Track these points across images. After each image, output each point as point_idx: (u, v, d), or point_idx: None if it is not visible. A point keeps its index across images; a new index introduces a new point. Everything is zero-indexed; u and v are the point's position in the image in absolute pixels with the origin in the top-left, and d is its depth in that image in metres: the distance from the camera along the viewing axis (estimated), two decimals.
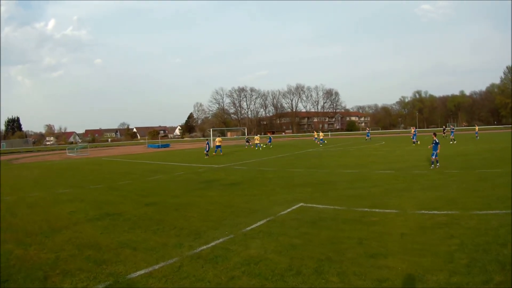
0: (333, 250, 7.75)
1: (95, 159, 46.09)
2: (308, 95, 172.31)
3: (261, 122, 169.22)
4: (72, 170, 31.34)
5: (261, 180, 18.91)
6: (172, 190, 16.84)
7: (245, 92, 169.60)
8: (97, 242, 9.25)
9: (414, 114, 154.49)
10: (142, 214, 12.16)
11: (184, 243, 8.76)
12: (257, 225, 10.00)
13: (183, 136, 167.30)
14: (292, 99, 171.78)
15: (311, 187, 15.60)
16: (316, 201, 12.57)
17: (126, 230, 10.28)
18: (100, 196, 16.05)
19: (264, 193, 14.92)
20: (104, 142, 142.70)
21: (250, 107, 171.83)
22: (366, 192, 14.02)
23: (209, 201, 13.75)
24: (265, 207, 12.12)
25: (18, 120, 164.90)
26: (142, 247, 8.67)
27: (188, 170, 25.75)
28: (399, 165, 22.27)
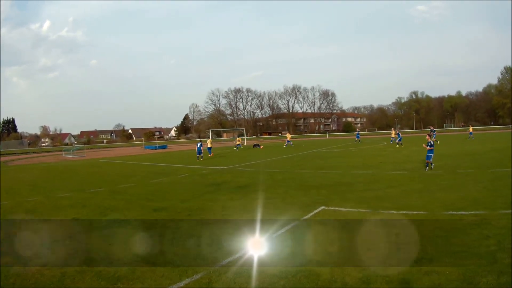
0: (372, 257, 7.23)
1: (92, 161, 44.96)
2: (305, 96, 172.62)
3: (257, 123, 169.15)
4: (70, 172, 30.25)
5: (271, 182, 18.16)
6: (180, 194, 15.91)
7: (241, 93, 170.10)
8: (108, 255, 8.22)
9: (411, 115, 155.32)
10: (153, 221, 11.19)
11: (207, 255, 7.85)
12: (283, 231, 9.22)
13: (179, 137, 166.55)
14: (288, 100, 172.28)
15: (326, 189, 14.97)
16: (337, 204, 11.99)
17: (137, 240, 9.29)
18: (104, 201, 14.99)
19: (278, 196, 14.18)
20: (100, 144, 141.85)
21: (247, 108, 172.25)
22: (385, 193, 13.61)
23: (222, 206, 12.91)
24: (284, 211, 11.36)
25: (14, 121, 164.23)
26: (160, 261, 7.71)
27: (191, 172, 24.86)
28: (409, 166, 21.79)
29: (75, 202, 15.02)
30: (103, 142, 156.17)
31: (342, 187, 15.46)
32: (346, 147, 45.11)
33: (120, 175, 25.09)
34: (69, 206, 14.16)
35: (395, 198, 12.61)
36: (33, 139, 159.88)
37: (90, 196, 16.32)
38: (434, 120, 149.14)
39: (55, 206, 14.37)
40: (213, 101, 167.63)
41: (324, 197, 13.28)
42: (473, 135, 50.44)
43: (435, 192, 13.24)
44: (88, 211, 13.09)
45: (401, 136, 42.27)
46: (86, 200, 15.28)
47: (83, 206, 14.02)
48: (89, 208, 13.72)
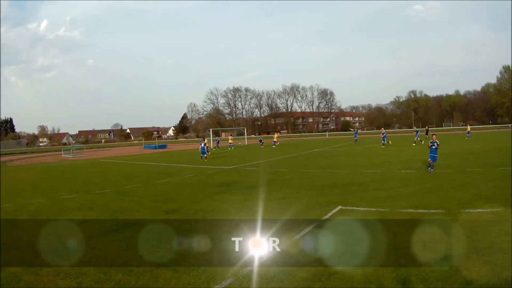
0: (401, 256, 7.19)
1: (92, 160, 44.48)
2: (303, 95, 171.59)
3: (255, 123, 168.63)
4: (71, 172, 29.72)
5: (281, 182, 17.88)
6: (190, 195, 15.52)
7: (239, 92, 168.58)
8: (125, 262, 7.72)
9: (409, 114, 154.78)
10: (166, 224, 10.67)
11: (231, 259, 7.36)
12: (305, 232, 8.94)
13: (177, 136, 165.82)
14: (287, 99, 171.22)
15: (338, 189, 14.82)
16: (353, 204, 11.91)
17: (155, 245, 8.71)
18: (111, 203, 14.47)
19: (292, 196, 13.96)
20: (98, 143, 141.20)
21: (245, 107, 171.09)
22: (398, 192, 13.60)
23: (236, 207, 12.58)
24: (302, 212, 11.28)
25: (11, 121, 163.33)
26: (182, 267, 7.29)
27: (196, 172, 24.46)
28: (416, 165, 21.68)
29: (81, 204, 14.49)
30: (101, 141, 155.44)
31: (354, 186, 15.30)
32: (349, 146, 44.86)
33: (123, 176, 24.59)
34: (75, 209, 13.64)
35: (409, 197, 12.58)
36: (31, 139, 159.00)
37: (96, 198, 15.79)
38: (432, 119, 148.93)
39: (60, 209, 13.84)
40: (212, 100, 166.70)
41: (339, 197, 13.11)
42: (470, 135, 50.48)
43: (449, 191, 13.27)
44: (97, 214, 12.58)
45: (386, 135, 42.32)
46: (92, 202, 14.76)
47: (90, 209, 13.51)
48: (97, 210, 13.21)
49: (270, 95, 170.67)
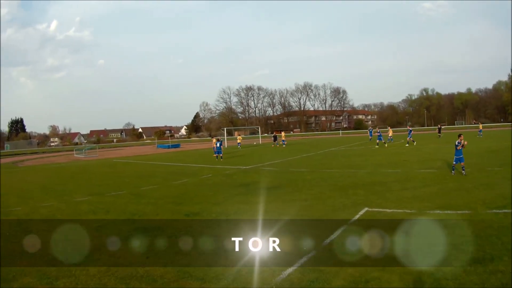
0: (436, 259, 6.94)
1: (105, 160, 44.28)
2: (316, 94, 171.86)
3: (268, 121, 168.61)
4: (84, 173, 29.35)
5: (302, 182, 17.49)
6: (209, 196, 15.01)
7: (252, 91, 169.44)
8: (148, 272, 7.21)
9: (422, 112, 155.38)
10: (188, 228, 10.01)
11: (262, 267, 6.98)
12: (335, 236, 8.58)
13: (190, 136, 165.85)
14: (300, 97, 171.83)
15: (362, 189, 14.52)
16: (379, 205, 11.70)
17: (179, 252, 8.06)
18: (128, 206, 13.94)
19: (315, 197, 13.58)
20: (110, 143, 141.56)
21: (258, 106, 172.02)
22: (422, 192, 13.42)
23: (258, 209, 12.06)
24: (327, 214, 11.02)
25: (22, 121, 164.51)
26: (211, 276, 6.93)
27: (214, 172, 23.98)
28: (436, 164, 21.51)
29: (96, 207, 13.98)
30: (113, 141, 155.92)
31: (377, 187, 15.08)
32: (365, 145, 44.37)
33: (138, 176, 24.09)
34: (90, 212, 13.14)
35: (434, 197, 12.46)
36: (42, 139, 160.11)
37: (111, 200, 15.29)
38: (444, 118, 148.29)
39: (75, 212, 13.33)
40: (224, 99, 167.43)
41: (363, 198, 12.89)
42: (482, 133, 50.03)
43: (472, 191, 13.23)
44: (114, 218, 12.06)
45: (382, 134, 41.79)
46: (108, 205, 14.26)
47: (107, 212, 13.00)
48: (114, 214, 12.71)
49: (283, 94, 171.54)
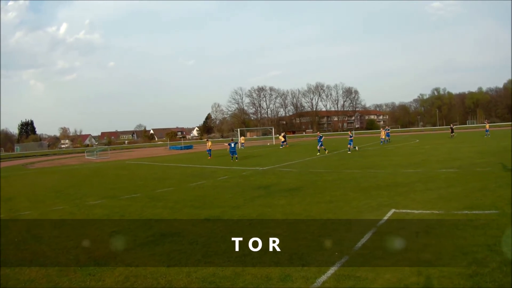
0: (471, 261, 6.79)
1: (118, 162, 44.22)
2: (328, 94, 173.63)
3: (280, 122, 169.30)
4: (97, 176, 29.17)
5: (323, 183, 17.19)
6: (229, 199, 14.63)
7: (264, 91, 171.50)
8: (170, 282, 6.74)
9: (433, 112, 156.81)
10: (209, 233, 9.77)
11: (293, 274, 6.70)
12: (365, 240, 8.35)
13: (202, 137, 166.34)
14: (312, 98, 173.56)
15: (385, 190, 14.30)
16: (405, 206, 11.49)
17: (201, 259, 7.77)
18: (144, 210, 13.58)
19: (339, 199, 13.28)
20: (121, 144, 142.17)
21: (270, 106, 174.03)
22: (447, 193, 13.15)
23: (282, 212, 11.86)
24: (354, 217, 10.76)
25: (32, 124, 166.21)
26: (239, 286, 6.46)
27: (230, 174, 23.66)
28: (456, 163, 21.21)
29: (110, 211, 13.66)
30: (124, 142, 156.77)
31: (400, 187, 14.85)
32: (381, 145, 44.31)
33: (153, 178, 23.80)
34: (104, 217, 12.82)
35: (459, 197, 12.27)
36: (53, 141, 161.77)
37: (126, 204, 14.96)
38: (456, 117, 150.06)
39: (88, 217, 13.02)
40: (236, 100, 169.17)
41: (388, 199, 12.69)
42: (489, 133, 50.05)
43: (496, 190, 12.91)
44: (129, 223, 11.69)
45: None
46: (123, 209, 13.91)
47: (121, 216, 12.66)
48: (129, 218, 12.36)
49: (295, 94, 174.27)
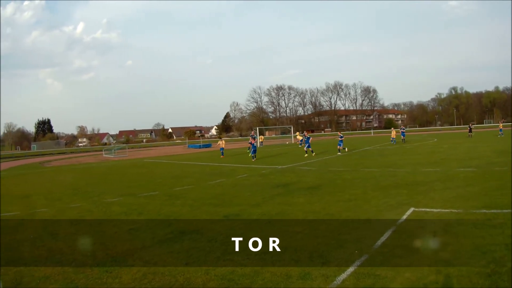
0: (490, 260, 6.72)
1: (136, 160, 44.47)
2: (346, 93, 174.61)
3: (299, 121, 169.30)
4: (114, 173, 29.44)
5: (342, 182, 17.29)
6: (248, 197, 14.58)
7: (283, 90, 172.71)
8: (189, 280, 6.68)
9: (451, 111, 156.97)
10: (228, 231, 9.71)
11: (313, 272, 6.65)
12: (385, 238, 8.34)
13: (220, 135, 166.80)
14: (330, 97, 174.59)
15: (405, 189, 14.32)
16: (425, 205, 11.48)
17: (220, 257, 7.73)
18: (162, 207, 13.58)
19: (359, 197, 13.34)
20: (139, 143, 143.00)
21: (289, 105, 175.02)
22: (466, 192, 13.17)
23: (302, 210, 11.81)
24: (374, 215, 10.72)
25: (49, 122, 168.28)
26: (258, 284, 6.40)
27: (249, 172, 23.63)
28: (474, 162, 21.28)
29: (128, 208, 13.65)
30: (142, 141, 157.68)
31: (419, 186, 14.86)
32: (399, 144, 44.48)
33: (171, 177, 23.88)
34: (122, 214, 12.83)
35: (478, 196, 12.24)
36: (70, 139, 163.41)
37: (144, 202, 14.97)
38: (473, 116, 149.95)
39: (105, 214, 13.03)
40: (255, 99, 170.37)
41: (408, 198, 12.67)
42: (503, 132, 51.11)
43: None
44: (148, 220, 11.64)
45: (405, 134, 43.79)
46: (141, 206, 13.92)
47: (140, 214, 12.64)
48: (147, 216, 12.32)
49: (314, 93, 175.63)
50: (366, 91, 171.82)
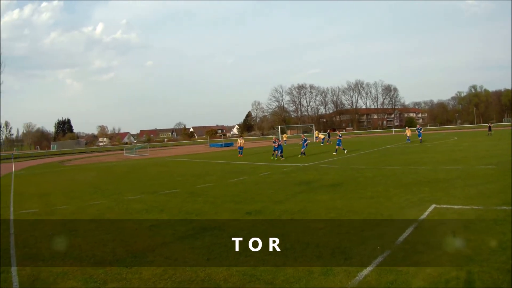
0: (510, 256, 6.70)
1: (157, 159, 44.74)
2: (368, 92, 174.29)
3: (321, 120, 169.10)
4: (135, 172, 29.61)
5: (364, 179, 17.34)
6: (270, 194, 14.56)
7: (304, 89, 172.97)
8: (210, 276, 6.66)
9: (471, 109, 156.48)
10: (251, 228, 9.67)
11: (335, 268, 6.70)
12: (407, 234, 8.39)
13: (242, 135, 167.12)
14: (352, 95, 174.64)
15: (426, 186, 14.33)
16: (446, 202, 11.53)
17: (242, 253, 7.69)
18: (183, 204, 13.56)
19: (380, 194, 13.33)
20: (160, 142, 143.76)
21: (310, 104, 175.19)
22: (486, 189, 13.19)
23: (324, 207, 11.81)
24: (395, 212, 10.76)
25: (69, 122, 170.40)
26: (280, 280, 6.37)
27: (272, 170, 23.60)
28: (494, 160, 21.30)
29: (149, 206, 13.69)
30: (163, 140, 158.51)
31: (440, 183, 14.92)
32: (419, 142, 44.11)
33: (193, 175, 23.87)
34: (143, 211, 12.84)
35: (498, 193, 12.26)
36: (90, 139, 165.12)
37: (165, 199, 15.01)
38: (493, 115, 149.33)
39: (126, 211, 13.06)
40: (277, 98, 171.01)
41: (429, 195, 12.70)
42: None
43: None
44: (169, 217, 11.67)
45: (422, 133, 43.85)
46: (162, 204, 13.96)
47: (161, 211, 12.67)
48: (168, 212, 12.35)
49: (335, 92, 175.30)
50: (387, 89, 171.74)
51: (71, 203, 15.25)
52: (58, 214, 13.28)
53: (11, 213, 13.85)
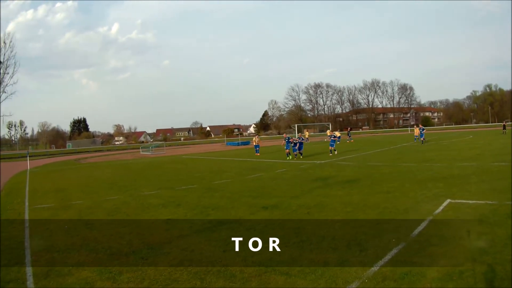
0: None
1: (174, 157, 44.90)
2: (384, 90, 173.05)
3: (337, 119, 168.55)
4: (153, 169, 29.78)
5: (380, 175, 17.55)
6: (287, 190, 14.73)
7: (321, 88, 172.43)
8: (226, 266, 6.74)
9: (486, 109, 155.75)
10: (267, 221, 9.82)
11: (350, 259, 6.84)
12: (422, 227, 8.52)
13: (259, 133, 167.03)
14: (368, 94, 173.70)
15: (441, 182, 14.51)
16: (460, 197, 11.65)
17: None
18: (201, 199, 13.72)
19: (396, 190, 13.53)
20: (177, 141, 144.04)
21: (327, 103, 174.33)
22: (500, 185, 13.25)
23: (340, 201, 12.00)
24: (411, 206, 10.88)
25: (85, 121, 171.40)
26: (296, 270, 6.46)
27: (288, 167, 23.73)
28: (508, 157, 21.36)
29: (166, 201, 13.83)
30: (180, 139, 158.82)
31: (455, 179, 15.12)
32: (435, 141, 45.06)
33: (210, 171, 24.05)
34: (160, 206, 12.96)
35: None
36: (106, 138, 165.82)
37: (182, 194, 15.16)
38: (507, 114, 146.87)
39: (142, 206, 13.20)
40: (293, 97, 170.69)
41: (444, 190, 12.84)
42: None
43: None
44: (185, 211, 11.79)
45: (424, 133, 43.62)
46: (179, 199, 14.09)
47: (177, 206, 12.78)
48: (185, 207, 12.46)
49: (351, 91, 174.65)
50: (403, 88, 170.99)
51: (87, 198, 15.44)
52: (73, 208, 13.44)
53: (26, 208, 14.05)
